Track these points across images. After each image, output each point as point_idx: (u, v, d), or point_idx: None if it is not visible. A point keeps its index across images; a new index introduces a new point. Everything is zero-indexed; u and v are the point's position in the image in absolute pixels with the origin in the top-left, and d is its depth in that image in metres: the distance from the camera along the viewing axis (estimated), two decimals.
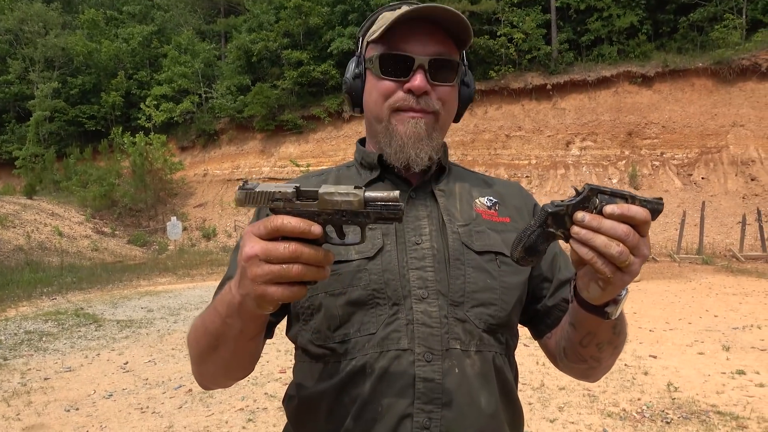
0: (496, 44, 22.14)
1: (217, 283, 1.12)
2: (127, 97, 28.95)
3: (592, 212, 0.72)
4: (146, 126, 26.37)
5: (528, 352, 5.77)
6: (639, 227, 0.71)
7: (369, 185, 1.01)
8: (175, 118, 27.01)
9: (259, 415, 4.31)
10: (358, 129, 23.50)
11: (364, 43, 1.03)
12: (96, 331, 7.77)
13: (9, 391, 5.14)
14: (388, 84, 0.96)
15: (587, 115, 21.19)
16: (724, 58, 18.93)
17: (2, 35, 30.75)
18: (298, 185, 0.70)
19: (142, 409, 4.58)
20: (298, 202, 0.69)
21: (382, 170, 1.02)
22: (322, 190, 0.68)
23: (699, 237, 14.27)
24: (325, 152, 24.17)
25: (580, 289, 0.80)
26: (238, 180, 25.14)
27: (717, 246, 14.79)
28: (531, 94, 22.25)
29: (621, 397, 4.31)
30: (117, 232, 22.84)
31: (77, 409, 4.63)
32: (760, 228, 13.59)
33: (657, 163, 19.37)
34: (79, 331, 7.78)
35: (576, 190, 0.74)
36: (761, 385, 4.52)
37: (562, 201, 0.74)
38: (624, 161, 19.81)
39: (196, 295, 10.70)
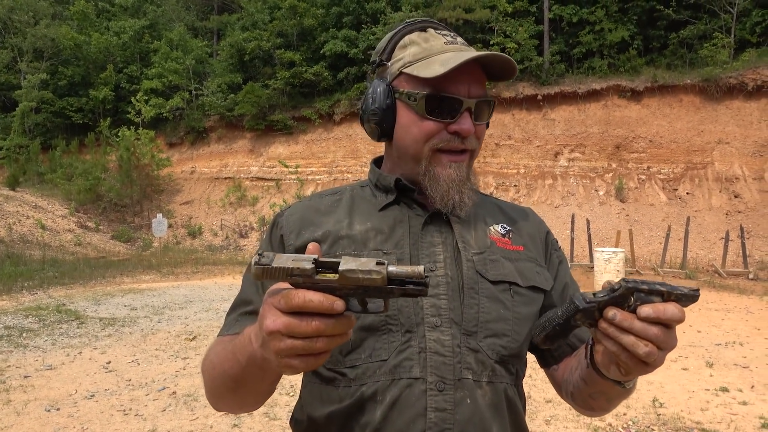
0: None
1: (202, 283, 1.10)
2: (116, 90, 28.63)
3: (624, 308, 0.70)
4: (135, 120, 26.10)
5: None
6: (670, 324, 0.70)
7: (384, 208, 1.00)
8: (165, 114, 26.76)
9: (244, 420, 4.27)
10: (348, 132, 23.48)
11: (394, 70, 0.99)
12: (78, 328, 7.65)
13: None
14: (433, 125, 0.94)
15: (576, 127, 21.38)
16: (712, 76, 19.22)
17: None
18: (316, 258, 0.66)
19: (125, 411, 4.51)
20: (318, 277, 0.66)
21: (398, 194, 1.01)
22: (342, 266, 0.65)
23: (683, 251, 14.45)
24: (315, 154, 24.11)
25: (600, 365, 0.81)
26: (226, 178, 25.00)
27: (700, 261, 14.99)
28: (522, 104, 22.40)
29: None
30: (101, 227, 22.56)
31: (58, 409, 4.55)
32: (743, 245, 13.79)
33: (643, 177, 19.57)
34: (61, 327, 7.66)
35: (611, 284, 0.72)
36: (744, 403, 4.58)
37: (594, 295, 0.71)
38: (611, 174, 20.01)
39: (180, 294, 10.59)
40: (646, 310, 0.68)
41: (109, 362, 5.96)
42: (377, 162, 1.11)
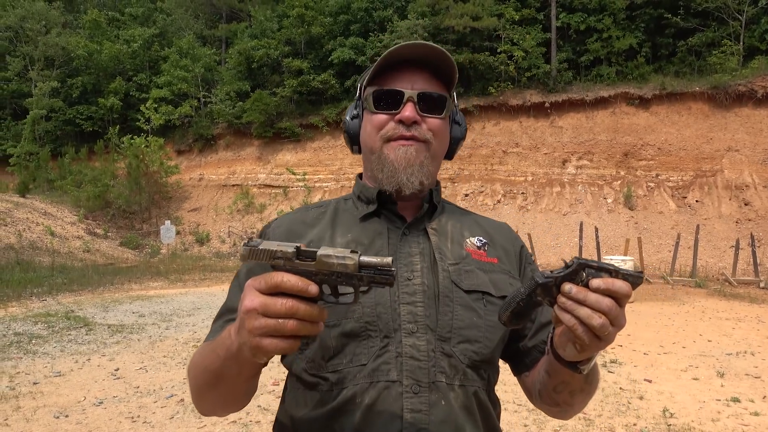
0: (496, 61, 22.31)
1: (210, 290, 1.13)
2: (126, 98, 28.90)
3: (578, 284, 0.76)
4: (144, 128, 26.31)
5: None
6: (620, 300, 0.75)
7: (365, 219, 1.06)
8: (173, 122, 26.97)
9: (252, 428, 4.26)
10: None
11: (362, 88, 1.10)
12: (86, 335, 7.68)
13: None
14: (381, 117, 1.03)
15: (584, 135, 21.35)
16: (720, 83, 19.15)
17: (3, 32, 30.65)
18: (298, 245, 0.73)
19: (132, 418, 4.51)
20: (298, 261, 0.72)
21: (379, 205, 1.06)
22: (320, 251, 0.72)
23: (692, 260, 14.34)
24: (322, 161, 24.19)
25: (557, 346, 0.86)
26: (234, 186, 25.11)
27: (710, 269, 14.87)
28: (529, 112, 22.40)
29: (617, 422, 4.29)
30: (110, 234, 22.69)
31: (67, 416, 4.56)
32: (753, 253, 13.67)
33: (652, 185, 19.49)
34: (70, 334, 7.69)
35: (565, 262, 0.78)
36: (756, 414, 4.52)
37: (551, 272, 0.78)
38: (619, 181, 19.93)
39: (188, 301, 10.61)
40: (597, 282, 0.74)
41: (118, 369, 5.97)
42: (361, 177, 1.17)
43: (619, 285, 0.74)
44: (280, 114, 25.11)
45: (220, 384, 0.90)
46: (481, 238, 1.08)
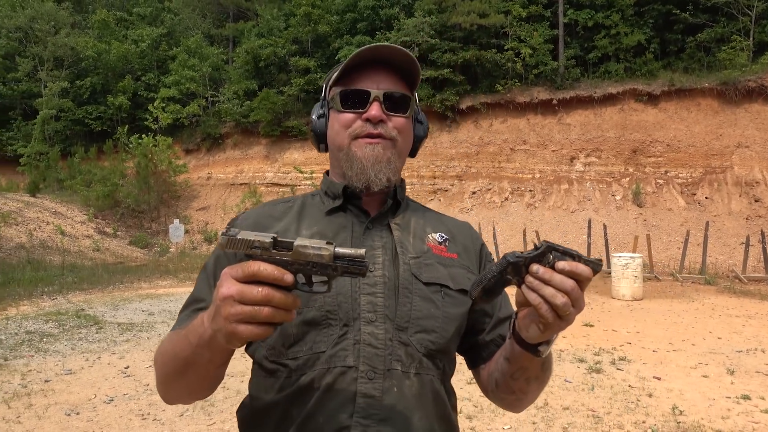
0: (503, 58, 22.23)
1: None
2: (134, 98, 29.04)
3: (545, 266, 0.81)
4: (152, 127, 26.44)
5: None
6: (582, 283, 0.81)
7: (330, 213, 1.10)
8: (181, 121, 27.09)
9: None
10: None
11: (328, 88, 1.14)
12: (97, 333, 7.75)
13: (9, 393, 5.12)
14: (348, 116, 1.07)
15: (592, 132, 21.22)
16: (730, 79, 18.97)
17: (13, 33, 30.86)
18: (275, 235, 0.76)
19: (143, 415, 4.55)
20: (275, 251, 0.75)
21: (345, 200, 1.10)
22: (297, 242, 0.75)
23: (702, 257, 14.25)
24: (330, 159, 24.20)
25: (520, 328, 0.90)
26: (242, 184, 25.19)
27: (720, 266, 14.76)
28: (537, 109, 22.30)
29: (626, 419, 4.28)
30: (119, 233, 22.84)
31: (78, 413, 4.61)
32: (764, 249, 13.56)
33: (661, 182, 19.36)
34: (80, 332, 7.76)
35: (535, 244, 0.84)
36: (767, 411, 4.49)
37: (521, 253, 0.83)
38: (628, 178, 19.81)
39: None
40: (562, 264, 0.80)
41: (128, 367, 6.03)
42: (328, 174, 1.20)
43: (582, 268, 0.80)
44: (287, 113, 25.15)
45: (190, 371, 0.92)
46: (443, 234, 1.12)
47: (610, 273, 11.89)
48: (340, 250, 0.75)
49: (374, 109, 1.04)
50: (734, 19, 20.49)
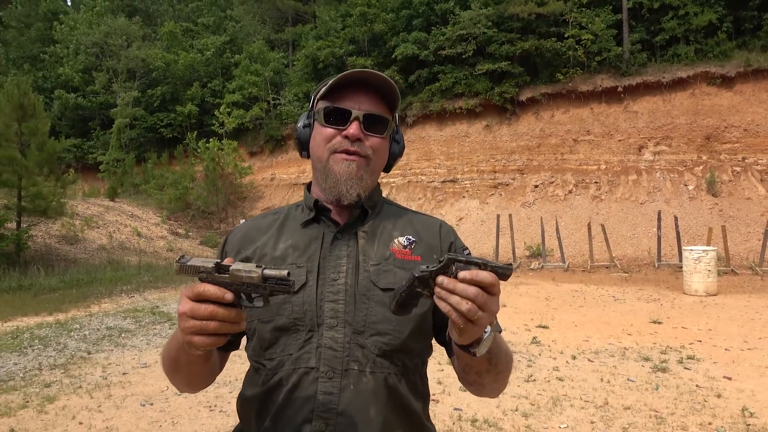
0: (563, 46, 21.59)
1: None
2: (201, 104, 30.31)
3: (450, 276, 0.87)
4: (219, 132, 27.51)
5: (592, 368, 5.62)
6: (488, 289, 0.86)
7: (305, 225, 1.21)
8: (245, 125, 28.02)
9: None
10: (420, 134, 23.57)
11: (315, 100, 1.23)
12: (170, 329, 8.20)
13: (92, 384, 5.53)
14: (329, 131, 1.16)
15: (661, 119, 20.26)
16: None
17: (90, 48, 32.91)
18: (218, 261, 0.90)
19: (210, 407, 4.80)
20: (217, 275, 0.89)
21: (317, 212, 1.20)
22: (232, 267, 0.89)
23: None
24: None
25: (450, 332, 0.98)
26: (304, 184, 25.72)
27: None
28: (601, 97, 21.51)
29: (690, 420, 4.12)
30: (190, 234, 23.93)
31: (152, 404, 4.92)
32: None
33: (738, 169, 18.23)
34: (155, 328, 8.24)
35: (439, 260, 0.89)
36: None
37: (427, 267, 0.90)
38: (701, 167, 18.79)
39: None
40: (463, 273, 0.86)
41: None
42: (310, 186, 1.30)
43: (483, 275, 0.85)
44: None
45: (179, 369, 1.10)
46: (410, 237, 1.20)
47: (681, 268, 11.37)
48: (268, 272, 0.88)
49: (353, 128, 1.14)
50: None
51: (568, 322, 8.09)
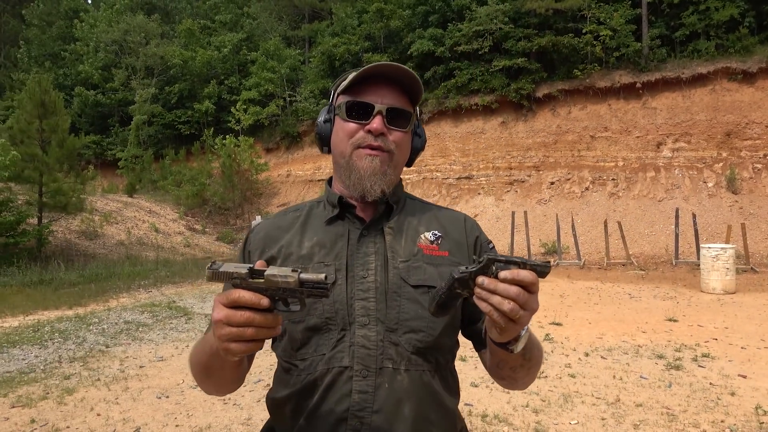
0: (581, 42, 21.38)
1: None
2: (218, 101, 30.57)
3: (490, 276, 0.87)
4: (235, 129, 27.74)
5: (605, 365, 5.60)
6: (528, 287, 0.86)
7: (330, 222, 1.18)
8: (262, 121, 28.20)
9: None
10: (436, 130, 23.52)
11: (336, 95, 1.21)
12: (186, 323, 8.32)
13: (110, 377, 5.65)
14: (352, 125, 1.14)
15: (680, 115, 19.98)
16: None
17: (109, 46, 33.37)
18: (251, 266, 0.87)
19: (224, 400, 4.88)
20: (251, 280, 0.87)
21: (341, 209, 1.18)
22: (267, 272, 0.87)
23: None
24: None
25: (487, 330, 0.99)
26: (319, 180, 25.90)
27: None
28: (619, 93, 21.27)
29: (702, 418, 4.10)
30: (207, 230, 24.19)
31: (167, 396, 5.01)
32: None
33: (759, 166, 17.92)
34: (171, 323, 8.37)
35: (478, 260, 0.89)
36: None
37: (467, 268, 0.90)
38: (721, 163, 18.51)
39: None
40: (504, 273, 0.85)
41: None
42: (330, 181, 1.28)
43: (524, 274, 0.85)
44: None
45: (211, 375, 1.09)
46: (435, 232, 1.18)
47: (699, 265, 11.23)
48: (304, 276, 0.86)
49: (377, 123, 1.12)
50: None
51: (582, 319, 8.05)
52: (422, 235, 1.17)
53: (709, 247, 10.74)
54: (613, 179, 20.00)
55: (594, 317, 8.13)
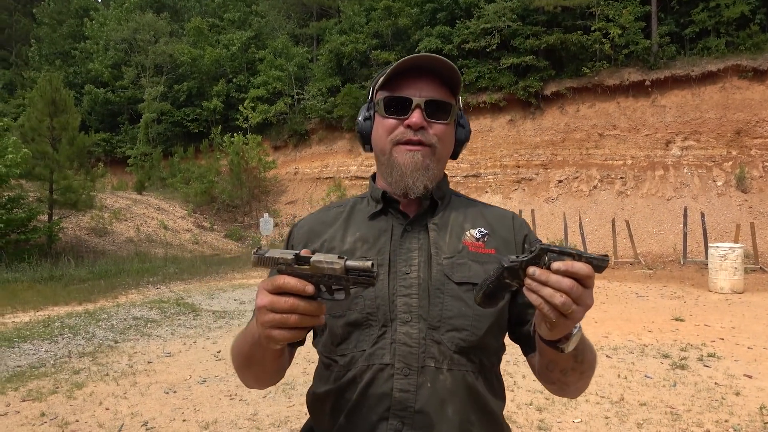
0: (589, 40, 21.28)
1: None
2: (227, 99, 30.70)
3: (542, 267, 0.82)
4: (243, 126, 27.86)
5: (610, 364, 5.60)
6: (583, 281, 0.81)
7: (373, 217, 1.17)
8: (270, 119, 28.30)
9: None
10: None
11: (374, 92, 1.19)
12: (194, 320, 8.40)
13: (118, 372, 5.72)
14: (391, 121, 1.11)
15: (690, 113, 19.85)
16: None
17: (119, 44, 33.59)
18: (297, 252, 0.86)
19: (231, 396, 4.93)
20: (297, 266, 0.86)
21: (385, 204, 1.16)
22: (313, 258, 0.85)
23: None
24: None
25: (536, 326, 0.93)
26: (327, 178, 25.98)
27: None
28: (627, 91, 21.17)
29: (706, 418, 4.10)
30: (215, 227, 24.32)
31: (175, 392, 5.08)
32: None
33: None
34: (179, 319, 8.44)
35: (530, 250, 0.85)
36: None
37: (517, 257, 0.85)
38: (731, 162, 18.38)
39: None
40: (557, 264, 0.81)
41: (220, 351, 6.51)
42: (375, 177, 1.26)
43: (579, 266, 0.80)
44: None
45: (252, 365, 1.08)
46: (482, 230, 1.14)
47: (707, 265, 11.19)
48: (350, 263, 0.84)
49: (415, 117, 1.08)
50: None
51: (588, 317, 8.04)
52: (468, 232, 1.14)
53: (718, 247, 10.69)
54: (621, 178, 19.91)
55: (600, 316, 8.12)
